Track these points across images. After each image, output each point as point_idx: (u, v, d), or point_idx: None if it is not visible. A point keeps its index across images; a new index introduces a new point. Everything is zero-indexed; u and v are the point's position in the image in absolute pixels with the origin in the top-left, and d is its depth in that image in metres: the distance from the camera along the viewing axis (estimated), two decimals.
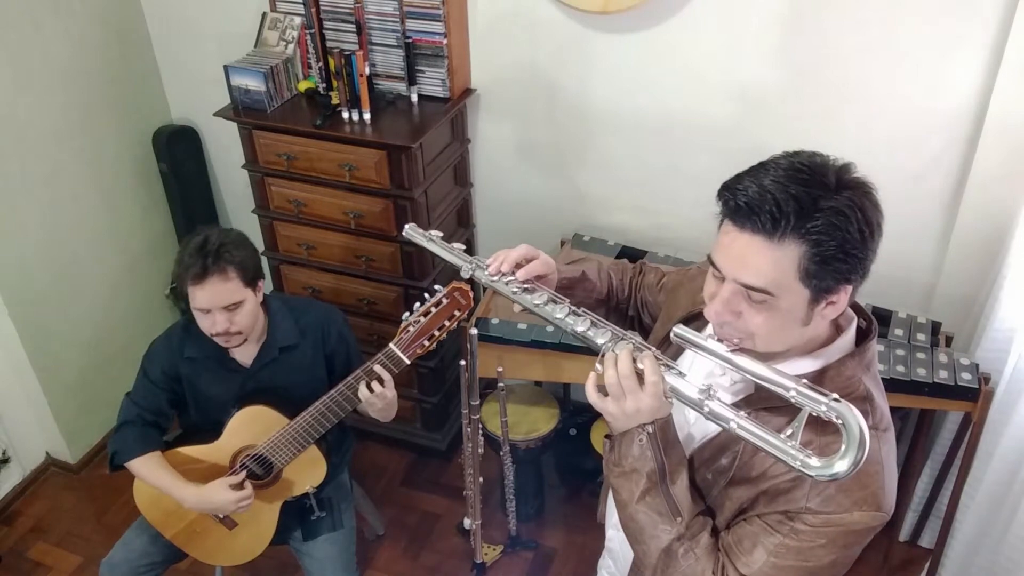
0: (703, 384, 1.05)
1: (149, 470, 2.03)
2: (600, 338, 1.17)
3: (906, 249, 2.37)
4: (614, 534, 1.52)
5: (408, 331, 1.86)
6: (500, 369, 2.29)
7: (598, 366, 1.13)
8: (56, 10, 2.62)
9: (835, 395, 0.96)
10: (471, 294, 1.85)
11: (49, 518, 2.89)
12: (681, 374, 1.09)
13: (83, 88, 2.77)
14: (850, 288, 1.04)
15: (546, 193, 2.74)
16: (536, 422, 2.59)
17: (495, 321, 2.36)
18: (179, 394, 2.12)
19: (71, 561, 2.73)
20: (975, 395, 2.10)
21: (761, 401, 1.11)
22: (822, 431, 1.06)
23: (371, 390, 1.91)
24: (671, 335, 1.11)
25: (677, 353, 1.28)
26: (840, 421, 0.95)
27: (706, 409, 1.04)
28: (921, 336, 2.24)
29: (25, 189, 2.64)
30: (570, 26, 2.40)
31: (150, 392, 2.08)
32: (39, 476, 3.03)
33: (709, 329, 1.15)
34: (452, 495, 2.90)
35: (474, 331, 2.11)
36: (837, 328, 1.14)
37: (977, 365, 2.15)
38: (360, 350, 2.23)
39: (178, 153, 3.07)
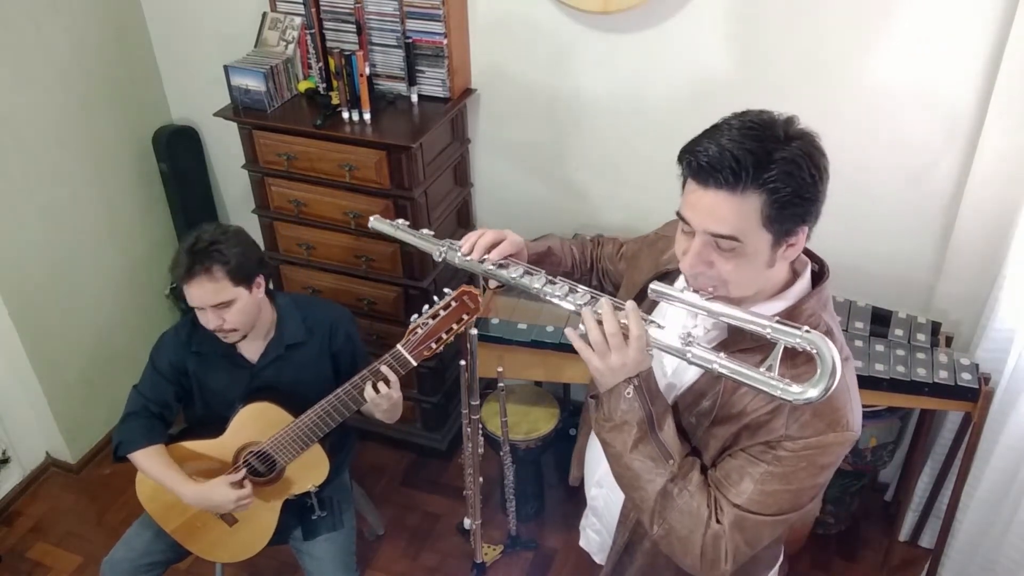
0: (682, 332, 1.15)
1: (151, 463, 2.03)
2: (579, 300, 1.26)
3: (906, 249, 2.37)
4: (597, 492, 1.59)
5: (416, 333, 1.86)
6: (500, 369, 2.29)
7: (581, 326, 1.21)
8: (56, 10, 2.62)
9: (806, 327, 1.07)
10: (480, 298, 1.85)
11: (49, 518, 2.89)
12: (660, 327, 1.19)
13: (83, 88, 2.77)
14: (806, 229, 1.14)
15: (546, 193, 2.74)
16: (536, 422, 2.59)
17: (495, 321, 2.36)
18: (186, 387, 2.13)
19: (71, 561, 2.73)
20: (975, 395, 2.10)
21: (734, 344, 1.21)
22: (792, 365, 1.15)
23: (377, 391, 1.91)
24: (648, 292, 1.20)
25: (649, 311, 1.35)
26: (813, 350, 1.05)
27: (689, 355, 1.13)
28: (921, 336, 2.24)
29: (25, 189, 2.64)
30: (570, 26, 2.40)
31: (157, 384, 2.09)
32: (39, 476, 3.03)
33: (680, 282, 1.24)
34: (452, 495, 2.90)
35: (474, 331, 2.10)
36: (794, 273, 1.24)
37: (977, 365, 2.15)
38: (366, 351, 2.24)
39: (178, 153, 3.07)
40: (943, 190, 2.26)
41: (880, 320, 2.29)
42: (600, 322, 1.19)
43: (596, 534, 1.68)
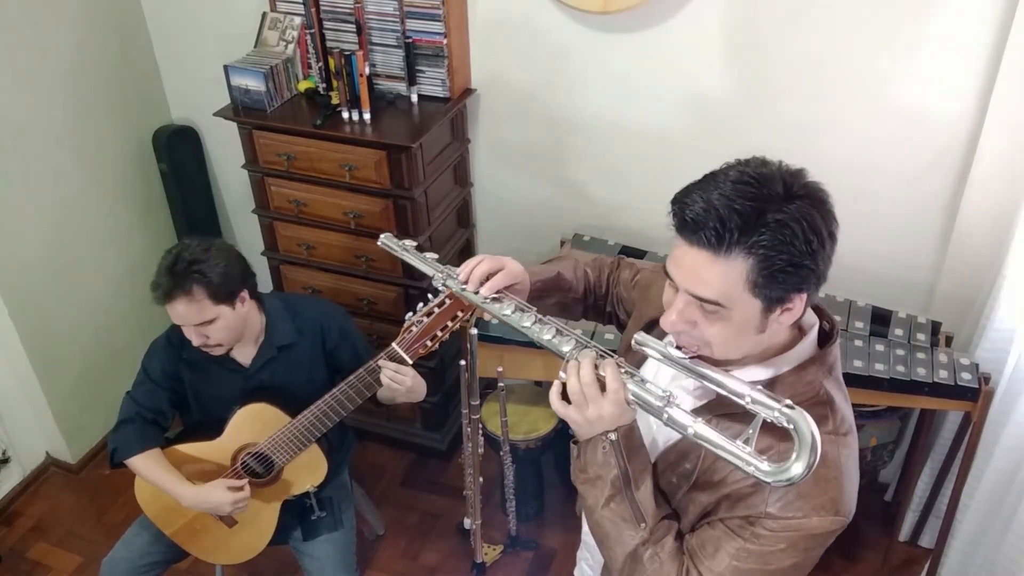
0: (663, 391, 1.07)
1: (148, 467, 2.03)
2: (565, 346, 1.19)
3: (906, 249, 2.37)
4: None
5: (411, 331, 1.86)
6: (500, 369, 2.29)
7: (562, 374, 1.15)
8: (56, 10, 2.62)
9: (788, 401, 0.98)
10: None
11: (49, 518, 2.89)
12: (643, 381, 1.10)
13: (83, 88, 2.77)
14: (805, 295, 1.05)
15: (546, 193, 2.74)
16: (536, 422, 2.59)
17: (495, 321, 2.35)
18: (180, 393, 2.13)
19: (71, 561, 2.73)
20: (975, 395, 2.10)
21: (722, 407, 1.13)
22: (782, 436, 1.07)
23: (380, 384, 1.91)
24: (632, 343, 1.13)
25: (644, 357, 1.28)
26: (792, 427, 0.97)
27: (665, 416, 1.06)
28: (921, 336, 2.24)
29: (25, 189, 2.64)
30: (570, 26, 2.40)
31: (151, 391, 2.09)
32: (39, 476, 3.03)
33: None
34: (452, 495, 2.90)
35: (474, 331, 2.11)
36: (799, 331, 1.15)
37: (977, 365, 2.15)
38: (367, 343, 2.24)
39: (178, 153, 3.07)
40: (943, 190, 2.26)
41: (880, 320, 2.29)
42: (579, 373, 1.12)
43: (589, 568, 1.64)
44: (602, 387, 1.11)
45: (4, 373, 2.80)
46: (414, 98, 2.56)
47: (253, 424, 2.03)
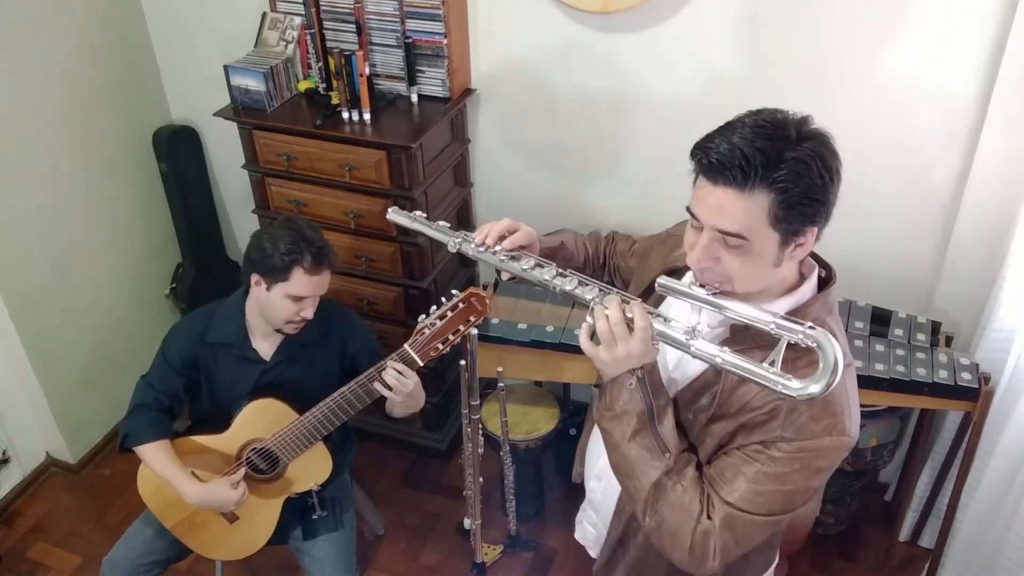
0: (688, 326, 1.16)
1: (157, 459, 2.04)
2: (588, 294, 1.27)
3: (906, 249, 2.37)
4: (596, 485, 1.62)
5: (423, 333, 1.87)
6: (500, 369, 2.29)
7: (589, 318, 1.22)
8: (56, 10, 2.62)
9: (809, 323, 1.07)
10: (487, 300, 1.85)
11: (49, 518, 2.89)
12: (667, 319, 1.19)
13: (83, 88, 2.77)
14: (815, 230, 1.15)
15: (546, 193, 2.74)
16: (536, 422, 2.59)
17: (495, 321, 2.36)
18: (195, 380, 2.13)
19: (71, 561, 2.73)
20: (975, 395, 2.10)
21: (736, 343, 1.21)
22: (793, 367, 1.15)
23: (388, 386, 1.92)
24: (656, 285, 1.21)
25: (656, 306, 1.36)
26: (815, 344, 1.05)
27: (692, 348, 1.14)
28: (921, 336, 2.24)
29: (25, 189, 2.64)
30: (570, 26, 2.40)
31: (167, 375, 2.10)
32: (39, 476, 3.03)
33: (687, 278, 1.25)
34: (452, 495, 2.90)
35: (474, 331, 2.10)
36: (801, 276, 1.25)
37: (977, 365, 2.16)
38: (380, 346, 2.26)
39: (178, 153, 3.07)
40: (943, 190, 2.26)
41: (880, 320, 2.29)
42: (607, 315, 1.19)
43: (592, 527, 1.71)
44: (629, 327, 1.18)
45: (4, 373, 2.80)
46: (414, 98, 2.56)
47: (261, 419, 2.04)
